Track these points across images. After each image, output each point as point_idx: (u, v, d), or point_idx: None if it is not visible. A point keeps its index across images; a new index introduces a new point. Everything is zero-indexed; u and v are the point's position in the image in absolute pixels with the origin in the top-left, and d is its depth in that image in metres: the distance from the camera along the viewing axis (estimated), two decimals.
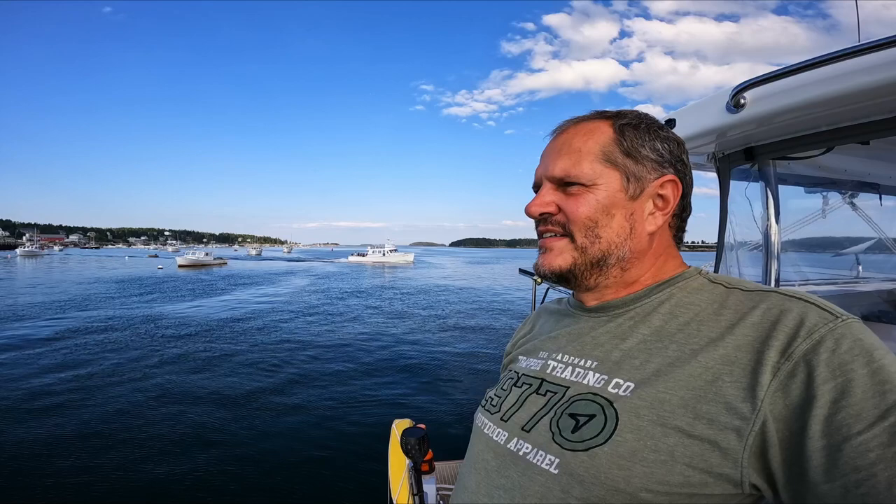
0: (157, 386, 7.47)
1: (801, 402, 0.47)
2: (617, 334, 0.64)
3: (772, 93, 1.19)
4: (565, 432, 0.57)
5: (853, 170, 1.83)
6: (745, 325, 0.54)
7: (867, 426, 0.43)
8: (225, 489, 4.53)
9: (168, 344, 10.66)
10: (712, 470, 0.49)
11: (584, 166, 0.65)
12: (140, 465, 4.84)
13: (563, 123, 0.72)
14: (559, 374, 0.66)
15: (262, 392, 7.34)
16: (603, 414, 0.56)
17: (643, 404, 0.54)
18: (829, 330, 0.49)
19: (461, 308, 18.05)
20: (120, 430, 5.72)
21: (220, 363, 8.96)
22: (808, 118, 1.21)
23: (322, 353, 9.91)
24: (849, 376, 0.45)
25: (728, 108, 1.32)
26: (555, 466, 0.55)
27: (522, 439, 0.61)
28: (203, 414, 6.37)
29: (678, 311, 0.62)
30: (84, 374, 8.05)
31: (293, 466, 5.05)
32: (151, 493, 4.36)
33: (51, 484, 4.43)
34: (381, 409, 6.63)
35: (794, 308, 0.53)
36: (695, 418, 0.51)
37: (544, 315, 0.86)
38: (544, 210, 0.68)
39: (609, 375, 0.60)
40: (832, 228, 2.01)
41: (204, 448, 5.37)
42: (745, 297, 0.58)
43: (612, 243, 0.66)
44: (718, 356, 0.53)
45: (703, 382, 0.52)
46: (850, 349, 0.47)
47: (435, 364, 9.18)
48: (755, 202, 1.73)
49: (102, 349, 10.05)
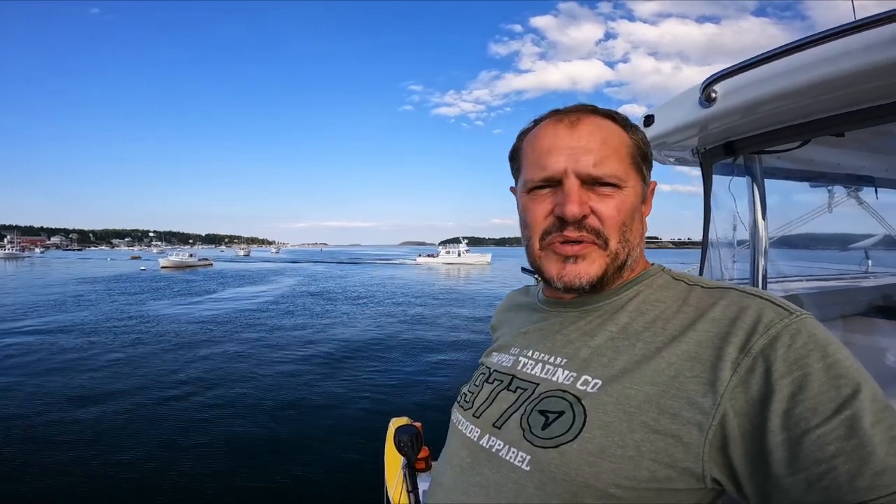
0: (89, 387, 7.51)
1: (761, 397, 0.49)
2: (586, 331, 0.66)
3: (742, 84, 1.20)
4: (535, 429, 0.59)
5: (836, 163, 1.84)
6: (706, 322, 0.57)
7: (824, 419, 0.45)
8: (219, 486, 4.61)
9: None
10: (676, 464, 0.52)
11: (619, 166, 0.64)
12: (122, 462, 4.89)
13: (570, 111, 0.68)
14: (529, 370, 0.68)
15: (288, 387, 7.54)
16: (571, 411, 0.58)
17: (610, 400, 0.56)
18: (785, 325, 0.51)
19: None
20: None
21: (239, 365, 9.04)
22: (781, 110, 1.21)
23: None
24: (805, 370, 0.48)
25: (700, 103, 1.32)
26: (526, 463, 0.58)
27: (494, 436, 0.63)
28: (200, 414, 6.40)
29: (644, 307, 0.64)
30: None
31: (291, 460, 5.15)
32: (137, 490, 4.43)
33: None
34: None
35: (751, 305, 0.55)
36: (659, 413, 0.53)
37: (513, 309, 0.88)
38: (585, 212, 0.63)
39: (578, 373, 0.62)
40: (821, 224, 2.02)
41: (192, 446, 5.46)
42: (706, 293, 0.61)
43: (633, 246, 0.67)
44: (681, 352, 0.56)
45: (667, 378, 0.55)
46: (804, 344, 0.49)
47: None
48: (739, 198, 1.74)
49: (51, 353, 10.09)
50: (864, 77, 0.99)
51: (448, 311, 17.31)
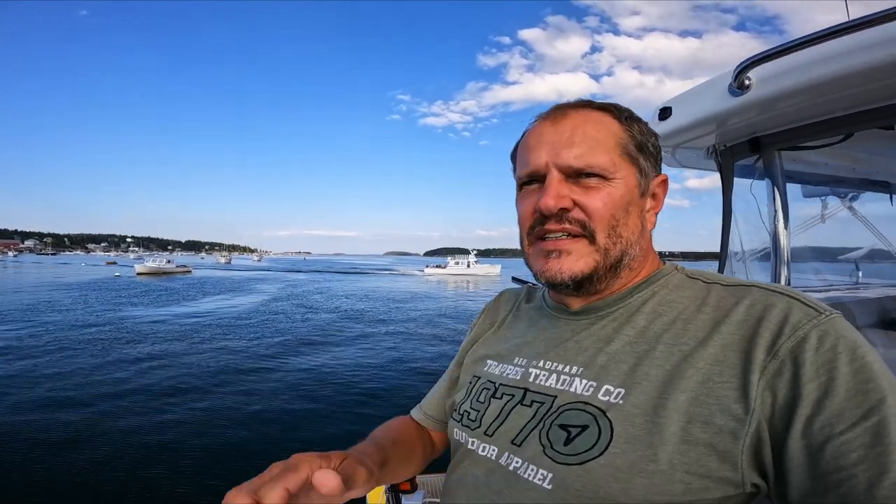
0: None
1: (787, 402, 0.48)
2: (601, 337, 0.64)
3: (781, 70, 1.10)
4: (557, 445, 0.57)
5: (867, 164, 1.75)
6: (731, 323, 0.55)
7: (849, 426, 0.45)
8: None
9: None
10: (711, 474, 0.50)
11: (605, 157, 0.63)
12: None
13: (559, 107, 0.68)
14: (543, 382, 0.65)
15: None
16: (596, 424, 0.55)
17: (637, 411, 0.54)
18: (813, 326, 0.50)
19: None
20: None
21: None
22: (823, 100, 1.11)
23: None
24: (832, 374, 0.47)
25: (731, 91, 1.22)
26: (548, 481, 0.55)
27: (513, 453, 0.61)
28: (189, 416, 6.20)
29: (661, 309, 0.62)
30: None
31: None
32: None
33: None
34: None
35: (777, 303, 0.54)
36: (689, 422, 0.51)
37: (512, 311, 0.84)
38: (564, 204, 0.62)
39: (597, 382, 0.59)
40: (852, 232, 1.93)
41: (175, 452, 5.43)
42: (726, 292, 0.60)
43: (630, 243, 0.64)
44: (707, 356, 0.54)
45: (695, 384, 0.53)
46: (833, 346, 0.48)
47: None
48: (762, 201, 1.64)
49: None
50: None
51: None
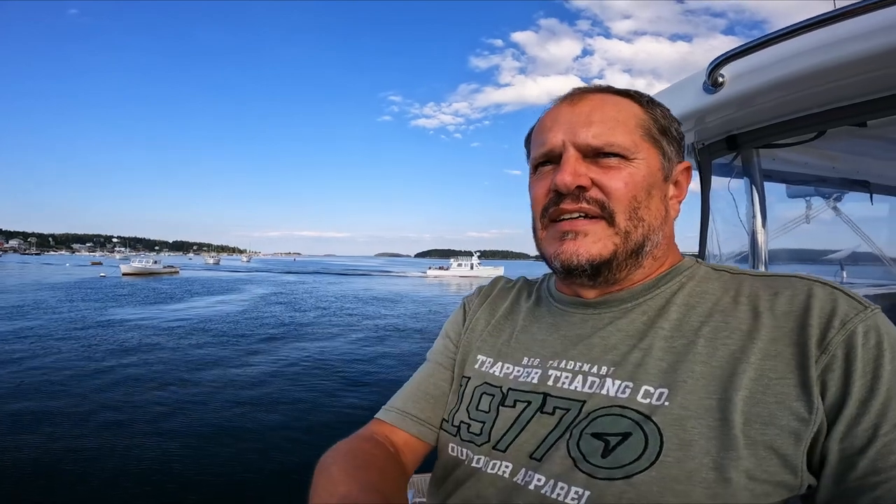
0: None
1: (837, 399, 0.47)
2: (630, 332, 0.59)
3: (754, 67, 1.07)
4: (593, 457, 0.51)
5: (831, 166, 1.75)
6: (776, 316, 0.52)
7: (892, 427, 0.44)
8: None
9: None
10: (772, 478, 0.47)
11: (625, 137, 0.60)
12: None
13: (577, 90, 0.66)
14: (567, 385, 0.59)
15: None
16: (641, 431, 0.50)
17: (687, 414, 0.49)
18: (861, 320, 0.48)
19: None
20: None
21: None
22: (798, 96, 1.09)
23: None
24: (877, 373, 0.46)
25: (706, 89, 1.20)
26: (584, 500, 0.49)
27: (533, 470, 0.54)
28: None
29: (693, 301, 0.59)
30: None
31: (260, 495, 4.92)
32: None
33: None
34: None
35: (819, 293, 0.52)
36: (747, 423, 0.48)
37: (507, 305, 0.76)
38: (581, 182, 0.59)
39: (634, 382, 0.54)
40: (837, 232, 1.93)
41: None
42: (761, 282, 0.57)
43: (652, 228, 0.61)
44: (757, 350, 0.50)
45: (749, 381, 0.49)
46: (877, 343, 0.47)
47: None
48: (740, 200, 1.63)
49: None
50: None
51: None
